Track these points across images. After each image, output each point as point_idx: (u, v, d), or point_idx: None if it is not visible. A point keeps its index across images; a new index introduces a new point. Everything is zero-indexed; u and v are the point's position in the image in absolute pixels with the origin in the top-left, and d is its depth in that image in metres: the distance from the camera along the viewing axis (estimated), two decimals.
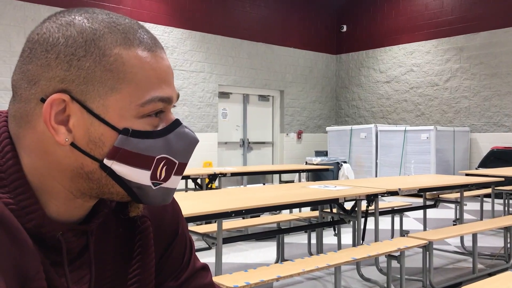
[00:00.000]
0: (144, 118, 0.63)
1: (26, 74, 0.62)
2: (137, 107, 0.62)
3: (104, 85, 0.61)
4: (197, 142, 0.68)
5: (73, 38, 0.60)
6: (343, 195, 3.40)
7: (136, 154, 0.62)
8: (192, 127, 9.41)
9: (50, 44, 0.61)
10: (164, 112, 0.65)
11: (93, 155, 0.62)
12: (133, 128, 0.62)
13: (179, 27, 9.30)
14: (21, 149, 0.63)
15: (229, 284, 2.35)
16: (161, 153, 0.64)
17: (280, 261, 4.25)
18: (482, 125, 9.74)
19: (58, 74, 0.60)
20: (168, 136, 0.65)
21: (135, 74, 0.62)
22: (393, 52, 11.19)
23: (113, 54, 0.61)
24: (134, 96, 0.62)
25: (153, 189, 0.65)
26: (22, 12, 7.49)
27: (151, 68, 0.63)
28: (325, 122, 12.08)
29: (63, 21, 0.62)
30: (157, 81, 0.63)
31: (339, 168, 7.93)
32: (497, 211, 6.41)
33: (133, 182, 0.63)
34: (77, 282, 0.67)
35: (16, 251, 0.57)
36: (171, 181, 0.67)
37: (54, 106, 0.60)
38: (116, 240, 0.74)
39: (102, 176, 0.63)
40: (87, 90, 0.60)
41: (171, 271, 0.81)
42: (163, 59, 0.66)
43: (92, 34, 0.61)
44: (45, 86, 0.60)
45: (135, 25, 0.65)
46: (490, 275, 3.88)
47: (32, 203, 0.61)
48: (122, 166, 0.62)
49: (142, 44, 0.64)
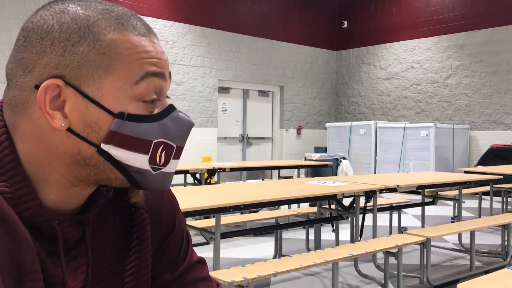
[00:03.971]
0: (140, 103, 0.63)
1: (21, 62, 0.62)
2: (132, 86, 0.62)
3: (98, 68, 0.61)
4: (192, 125, 0.69)
5: (67, 25, 0.61)
6: (342, 191, 3.40)
7: (133, 138, 0.63)
8: None
9: (44, 31, 0.61)
10: (159, 101, 0.66)
11: (89, 139, 0.62)
12: (128, 112, 0.62)
13: (179, 21, 9.28)
14: (17, 137, 0.63)
15: (227, 279, 2.36)
16: (158, 137, 0.64)
17: (278, 257, 4.26)
18: (482, 122, 9.74)
19: (52, 60, 0.60)
20: (164, 120, 0.65)
21: (128, 56, 0.62)
22: (394, 48, 11.18)
23: (107, 39, 0.62)
24: (128, 76, 0.62)
25: (153, 174, 0.65)
26: (22, 5, 7.47)
27: (144, 51, 0.64)
28: (325, 118, 12.08)
29: (57, 9, 0.63)
30: (149, 60, 0.64)
31: (338, 164, 7.94)
32: (495, 209, 6.43)
33: (132, 166, 0.64)
34: (73, 272, 0.67)
35: (12, 243, 0.57)
36: (170, 165, 0.67)
37: (49, 91, 0.60)
38: (113, 230, 0.74)
39: (100, 162, 0.63)
40: (81, 75, 0.61)
41: (168, 263, 0.81)
42: (156, 44, 0.66)
43: (86, 20, 0.62)
44: (39, 73, 0.61)
45: (128, 12, 0.66)
46: (487, 272, 3.89)
47: (29, 191, 0.61)
48: (120, 151, 0.62)
49: (136, 29, 0.64)
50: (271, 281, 3.71)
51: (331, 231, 5.17)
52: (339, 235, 4.57)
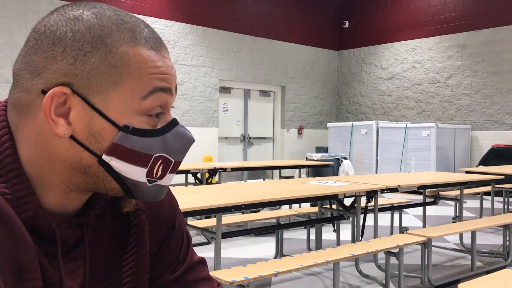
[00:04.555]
0: (145, 117, 0.64)
1: (29, 65, 0.62)
2: (139, 100, 0.63)
3: (107, 80, 0.61)
4: (193, 141, 0.69)
5: (80, 33, 0.61)
6: (343, 191, 3.40)
7: (135, 152, 0.63)
8: (192, 122, 9.42)
9: (57, 37, 0.61)
10: (163, 114, 0.66)
11: (92, 149, 0.62)
12: (133, 126, 0.62)
13: (180, 21, 9.28)
14: (20, 139, 0.63)
15: (228, 278, 2.36)
16: (159, 152, 0.65)
17: (279, 257, 4.26)
18: (483, 122, 9.73)
19: (62, 68, 0.60)
20: (166, 135, 0.65)
21: (138, 70, 0.62)
22: (395, 48, 11.17)
23: (119, 52, 0.62)
24: (136, 90, 0.62)
25: (148, 186, 0.66)
26: (24, 5, 7.48)
27: (154, 66, 0.64)
28: (326, 118, 12.08)
29: (71, 15, 0.62)
30: (159, 76, 0.64)
31: (339, 164, 7.94)
32: (496, 209, 6.42)
33: (130, 178, 0.64)
34: (71, 273, 0.68)
35: (12, 242, 0.57)
36: (166, 178, 0.68)
37: (55, 98, 0.60)
38: (111, 232, 0.74)
39: (99, 171, 0.63)
40: (90, 85, 0.61)
41: (168, 264, 0.81)
42: (166, 59, 0.66)
43: (100, 30, 0.61)
44: (48, 78, 0.61)
45: (142, 24, 0.66)
46: (489, 272, 3.88)
47: (28, 193, 0.61)
48: (120, 163, 0.63)
49: (148, 43, 0.64)
50: (272, 281, 3.71)
51: (332, 231, 5.17)
52: (340, 235, 4.57)
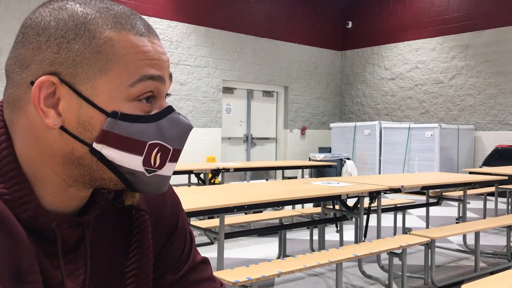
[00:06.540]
0: (135, 102, 0.62)
1: (18, 58, 0.62)
2: (127, 87, 0.61)
3: (92, 67, 0.60)
4: (191, 128, 0.67)
5: (64, 21, 0.60)
6: (346, 191, 3.40)
7: (126, 138, 0.61)
8: (196, 122, 9.42)
9: (41, 27, 0.61)
10: (155, 98, 0.65)
11: (82, 138, 0.61)
12: (122, 112, 0.61)
13: (183, 21, 9.29)
14: (15, 135, 0.62)
15: (231, 279, 2.36)
16: (154, 138, 0.63)
17: (282, 257, 4.26)
18: (487, 123, 9.71)
19: (48, 57, 0.60)
20: (160, 121, 0.63)
21: (124, 56, 0.61)
22: (398, 49, 11.15)
23: (103, 37, 0.60)
24: (124, 77, 0.61)
25: (147, 176, 0.64)
26: (28, 5, 7.50)
27: (141, 51, 0.62)
28: (329, 118, 12.07)
29: (56, 6, 0.62)
30: (147, 62, 0.62)
31: (343, 165, 7.92)
32: (500, 210, 6.40)
33: (124, 167, 0.62)
34: (72, 274, 0.67)
35: (11, 244, 0.57)
36: (166, 168, 0.65)
37: (43, 88, 0.59)
38: (113, 233, 0.73)
39: (92, 161, 0.62)
40: (76, 73, 0.60)
41: (171, 264, 0.81)
42: (156, 44, 0.64)
43: (83, 17, 0.61)
44: (35, 70, 0.60)
45: (128, 11, 0.64)
46: (492, 273, 3.87)
47: (27, 193, 0.61)
48: (112, 151, 0.61)
49: (134, 29, 0.63)
50: (275, 282, 3.71)
51: (335, 231, 5.16)
52: (343, 235, 4.56)
